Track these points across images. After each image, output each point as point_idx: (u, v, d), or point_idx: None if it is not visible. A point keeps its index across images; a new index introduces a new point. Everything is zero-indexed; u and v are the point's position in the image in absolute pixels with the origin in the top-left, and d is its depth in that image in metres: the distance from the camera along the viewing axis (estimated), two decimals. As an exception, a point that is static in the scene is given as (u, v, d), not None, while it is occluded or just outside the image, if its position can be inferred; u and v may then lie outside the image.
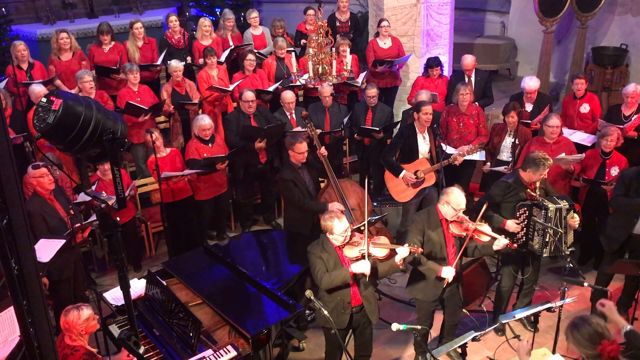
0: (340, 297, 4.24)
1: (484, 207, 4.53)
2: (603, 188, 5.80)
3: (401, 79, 8.32)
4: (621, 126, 6.28)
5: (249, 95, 6.58)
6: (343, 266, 4.17)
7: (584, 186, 6.10)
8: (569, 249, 4.92)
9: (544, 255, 4.95)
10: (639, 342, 3.27)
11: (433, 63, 7.43)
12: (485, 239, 4.48)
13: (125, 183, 5.99)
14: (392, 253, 4.20)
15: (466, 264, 5.69)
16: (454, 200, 4.37)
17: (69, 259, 5.16)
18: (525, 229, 4.95)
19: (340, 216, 4.11)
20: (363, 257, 4.13)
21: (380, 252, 4.17)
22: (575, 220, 4.90)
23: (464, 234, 4.47)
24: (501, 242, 4.44)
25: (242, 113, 6.67)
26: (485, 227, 4.48)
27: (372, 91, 6.95)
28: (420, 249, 4.22)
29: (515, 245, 4.63)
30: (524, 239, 4.98)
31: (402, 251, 4.14)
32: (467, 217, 4.49)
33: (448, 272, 4.46)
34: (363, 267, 4.09)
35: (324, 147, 6.09)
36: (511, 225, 4.89)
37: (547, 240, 4.87)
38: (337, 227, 4.08)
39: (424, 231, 4.51)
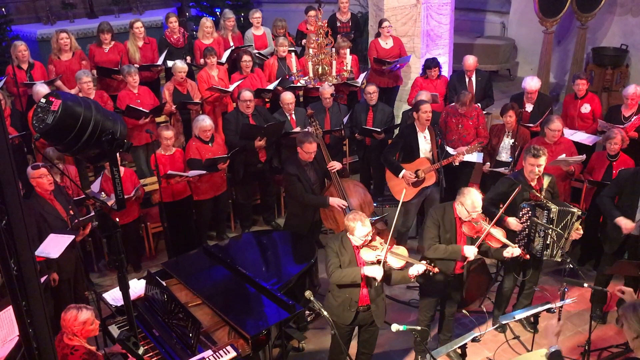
0: (348, 295, 4.27)
1: (500, 212, 4.54)
2: None
3: (402, 80, 8.32)
4: (621, 127, 6.27)
5: (247, 94, 6.59)
6: (357, 264, 4.20)
7: (589, 188, 6.10)
8: (561, 257, 4.92)
9: (545, 257, 4.94)
10: None
11: (431, 64, 7.43)
12: (496, 244, 4.49)
13: (132, 183, 6.01)
14: (408, 265, 4.21)
15: (467, 265, 5.69)
16: (468, 203, 4.36)
17: (69, 259, 5.16)
18: (527, 229, 4.94)
19: (364, 220, 4.10)
20: (378, 262, 4.13)
21: (396, 263, 4.17)
22: (579, 231, 4.89)
23: (475, 235, 4.47)
24: (513, 250, 4.45)
25: (240, 113, 6.67)
26: (499, 233, 4.47)
27: (372, 88, 6.95)
28: (436, 269, 4.19)
29: (528, 256, 4.61)
30: (526, 240, 4.97)
31: (418, 267, 4.15)
32: (484, 217, 4.47)
33: (470, 251, 4.45)
34: (376, 272, 4.11)
35: (334, 162, 6.03)
36: (512, 222, 4.88)
37: (548, 242, 4.86)
38: (359, 230, 4.08)
39: (439, 225, 4.54)
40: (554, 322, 3.57)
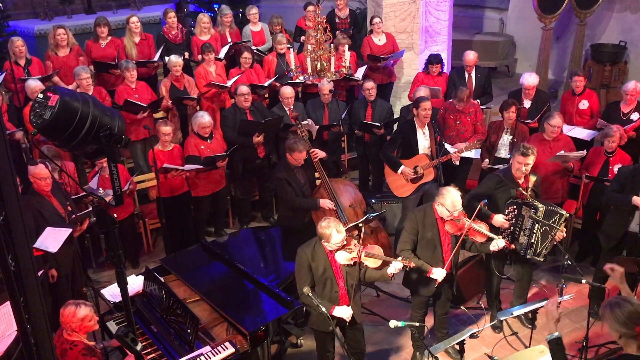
0: (328, 301, 4.23)
1: (479, 206, 4.53)
2: (606, 185, 5.79)
3: (396, 76, 8.31)
4: (622, 127, 6.27)
5: (244, 89, 6.59)
6: (333, 270, 4.17)
7: (586, 183, 6.10)
8: (544, 257, 4.92)
9: (528, 256, 4.94)
10: None
11: (434, 60, 7.42)
12: (480, 238, 4.48)
13: (123, 178, 5.99)
14: (385, 263, 4.20)
15: (463, 262, 5.69)
16: (448, 203, 4.35)
17: (67, 254, 5.16)
18: (512, 227, 4.94)
19: (338, 227, 4.05)
20: (355, 264, 4.12)
21: (372, 263, 4.16)
22: (562, 233, 4.88)
23: (459, 233, 4.46)
24: (498, 243, 4.46)
25: (238, 108, 6.67)
26: (481, 227, 4.47)
27: (369, 84, 6.95)
28: (412, 263, 4.21)
29: (513, 245, 4.60)
30: (510, 238, 4.97)
31: (395, 265, 4.15)
32: (465, 214, 4.48)
33: (438, 274, 4.48)
34: (344, 313, 4.14)
35: (318, 150, 6.06)
36: (498, 220, 4.88)
37: (532, 241, 4.86)
38: (335, 237, 4.03)
39: (418, 230, 4.52)
40: (552, 307, 3.56)
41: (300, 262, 4.18)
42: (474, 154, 6.43)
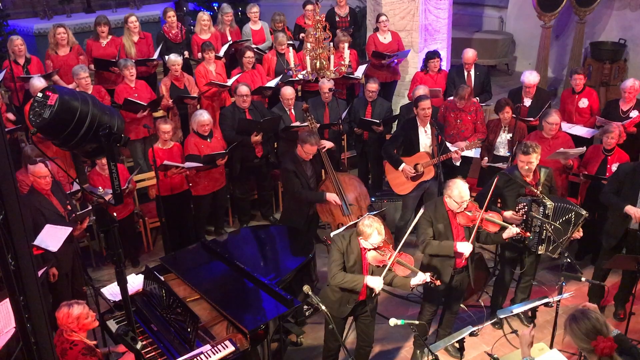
0: (348, 292, 4.28)
1: (489, 196, 4.53)
2: (603, 184, 5.79)
3: (400, 74, 8.31)
4: (621, 123, 6.27)
5: (244, 89, 6.58)
6: (362, 266, 4.21)
7: (584, 182, 6.10)
8: (559, 254, 4.92)
9: (540, 252, 4.95)
10: (627, 345, 3.23)
11: (432, 55, 7.42)
12: (494, 228, 4.49)
13: (122, 177, 5.99)
14: (412, 273, 4.20)
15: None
16: (455, 194, 4.38)
17: (67, 253, 5.16)
18: (523, 223, 4.94)
19: (380, 228, 4.06)
20: (384, 266, 4.13)
21: (401, 271, 4.17)
22: (580, 232, 4.89)
23: (471, 224, 4.47)
24: (511, 230, 4.46)
25: (237, 107, 6.67)
26: (494, 216, 4.48)
27: (373, 86, 6.95)
28: (438, 282, 4.20)
29: (528, 233, 4.63)
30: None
31: (421, 277, 4.14)
32: (477, 205, 4.48)
33: (463, 247, 4.43)
34: (376, 284, 4.14)
35: (325, 141, 6.13)
36: (508, 216, 4.88)
37: (543, 237, 4.87)
38: (373, 238, 4.04)
39: (432, 222, 4.54)
40: (526, 332, 3.55)
41: (337, 248, 4.21)
42: (474, 152, 6.44)
